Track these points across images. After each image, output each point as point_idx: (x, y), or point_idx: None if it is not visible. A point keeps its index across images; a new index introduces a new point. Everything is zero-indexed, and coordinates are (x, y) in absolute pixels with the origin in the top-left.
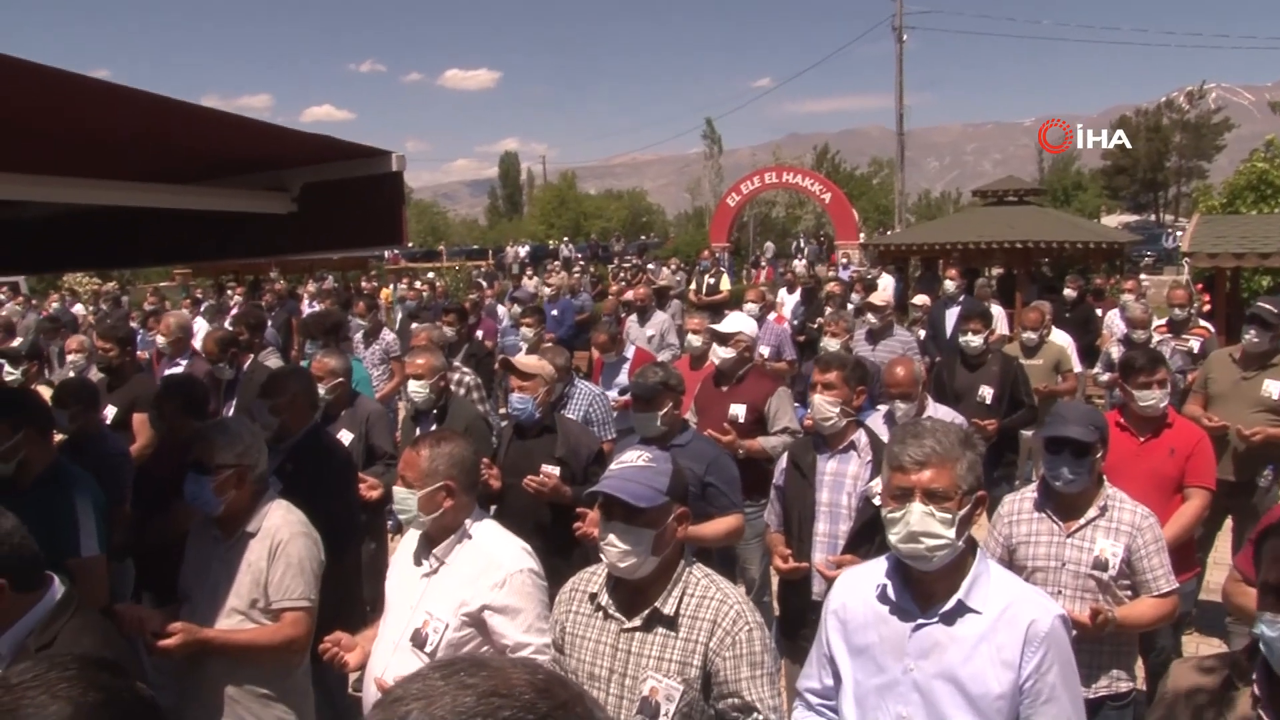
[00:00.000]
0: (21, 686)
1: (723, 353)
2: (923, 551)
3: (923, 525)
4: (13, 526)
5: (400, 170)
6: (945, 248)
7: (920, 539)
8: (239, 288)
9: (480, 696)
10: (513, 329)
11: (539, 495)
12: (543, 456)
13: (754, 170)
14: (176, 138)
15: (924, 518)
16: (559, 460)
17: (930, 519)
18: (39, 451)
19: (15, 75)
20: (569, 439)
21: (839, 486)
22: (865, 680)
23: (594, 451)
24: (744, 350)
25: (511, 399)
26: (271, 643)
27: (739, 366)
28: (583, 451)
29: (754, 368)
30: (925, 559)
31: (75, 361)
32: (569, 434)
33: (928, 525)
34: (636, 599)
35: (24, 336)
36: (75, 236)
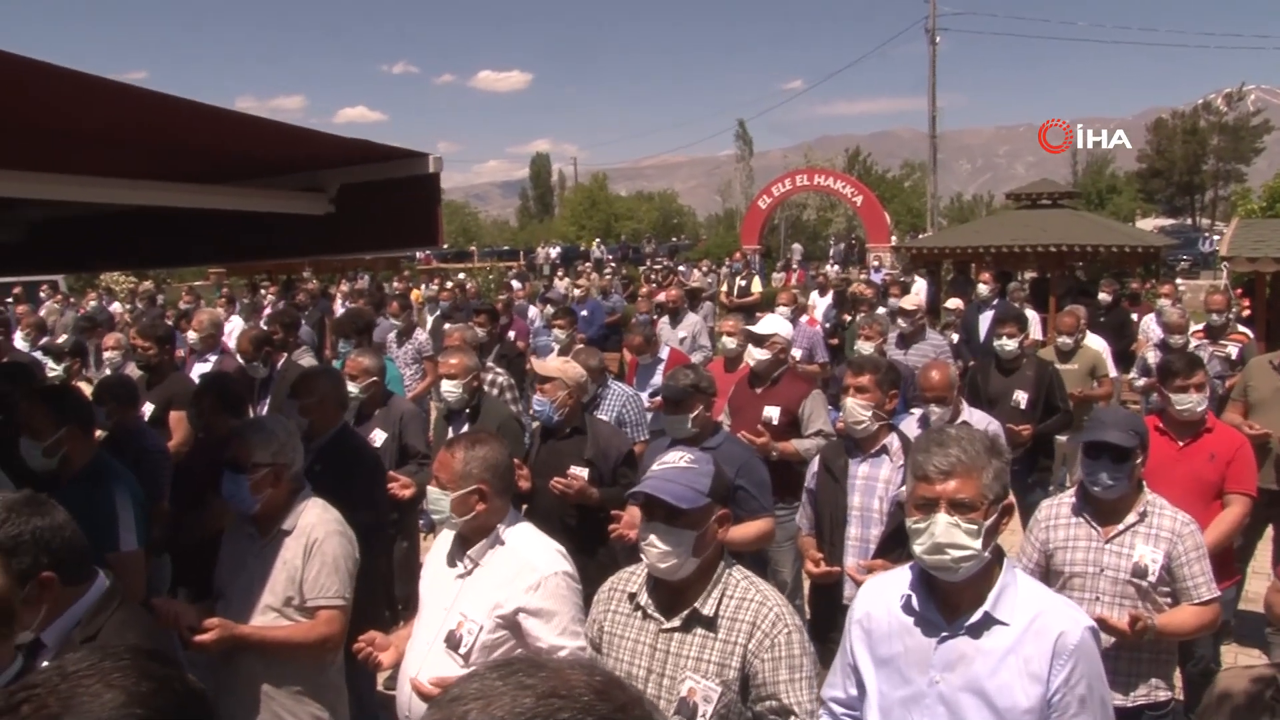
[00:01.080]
0: (77, 675)
1: (758, 354)
2: (948, 563)
3: (948, 536)
4: (63, 520)
5: (437, 171)
6: (978, 251)
7: (946, 550)
8: (272, 287)
9: (539, 698)
10: (545, 330)
11: (565, 497)
12: (572, 458)
13: (785, 173)
14: (217, 142)
15: (949, 529)
16: (587, 461)
17: (956, 530)
18: (80, 447)
19: (62, 82)
20: (598, 440)
21: (871, 490)
22: (890, 692)
23: (623, 453)
24: (779, 352)
25: (534, 401)
26: (306, 640)
27: (774, 368)
28: (612, 453)
29: (788, 370)
30: (951, 570)
31: (112, 359)
32: (598, 435)
33: (953, 536)
34: (676, 599)
35: (63, 334)
36: (115, 237)
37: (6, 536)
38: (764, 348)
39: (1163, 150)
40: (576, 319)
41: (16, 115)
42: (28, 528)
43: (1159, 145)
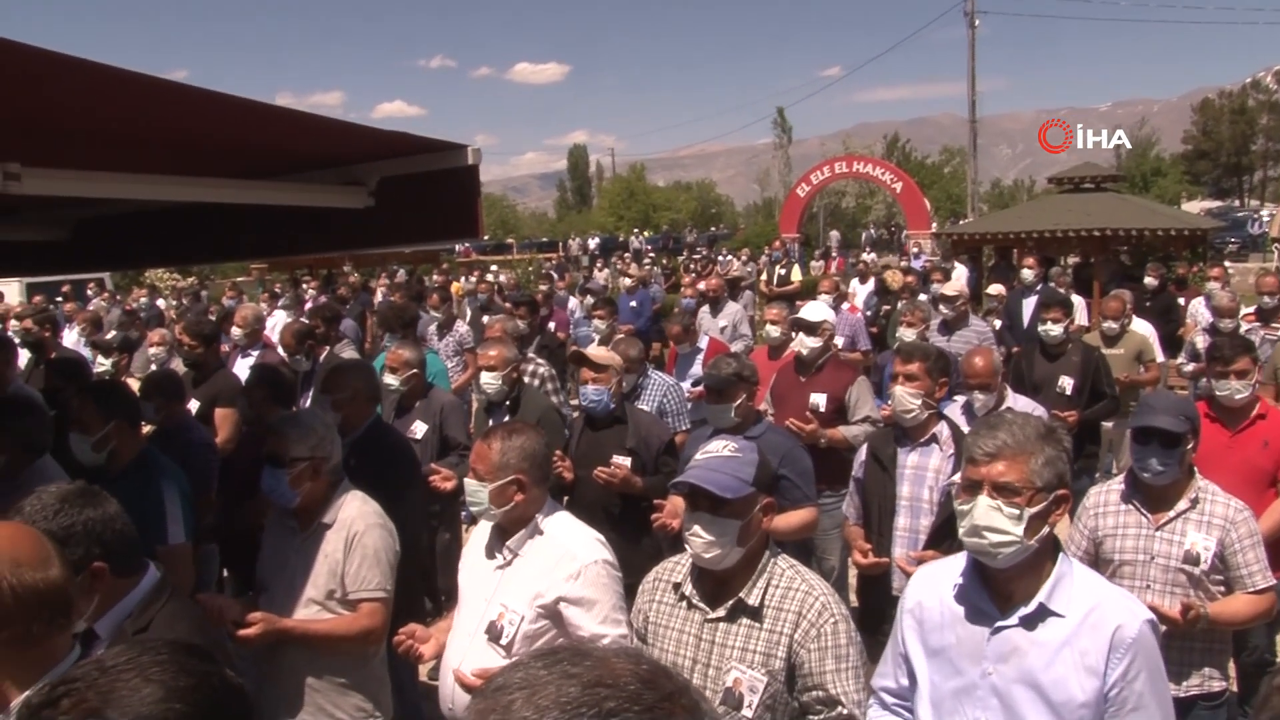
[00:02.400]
0: (116, 669)
1: (810, 342)
2: (986, 547)
3: (986, 519)
4: (115, 511)
5: (476, 164)
6: (1020, 236)
7: (984, 533)
8: (313, 281)
9: (585, 687)
10: (585, 321)
11: (609, 486)
12: (614, 447)
13: (824, 160)
14: (259, 137)
15: (988, 511)
16: (630, 451)
17: (995, 513)
18: (128, 442)
19: (106, 80)
20: (640, 429)
21: (920, 480)
22: (942, 683)
23: (665, 441)
24: (828, 339)
25: (586, 390)
26: (349, 633)
27: (820, 355)
28: (654, 442)
29: (833, 357)
30: (989, 555)
31: (157, 354)
32: (640, 424)
33: (992, 519)
34: (721, 589)
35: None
36: (158, 233)
37: (60, 527)
38: (816, 335)
39: (1209, 131)
40: (617, 310)
41: (61, 114)
42: (80, 518)
43: (1205, 126)
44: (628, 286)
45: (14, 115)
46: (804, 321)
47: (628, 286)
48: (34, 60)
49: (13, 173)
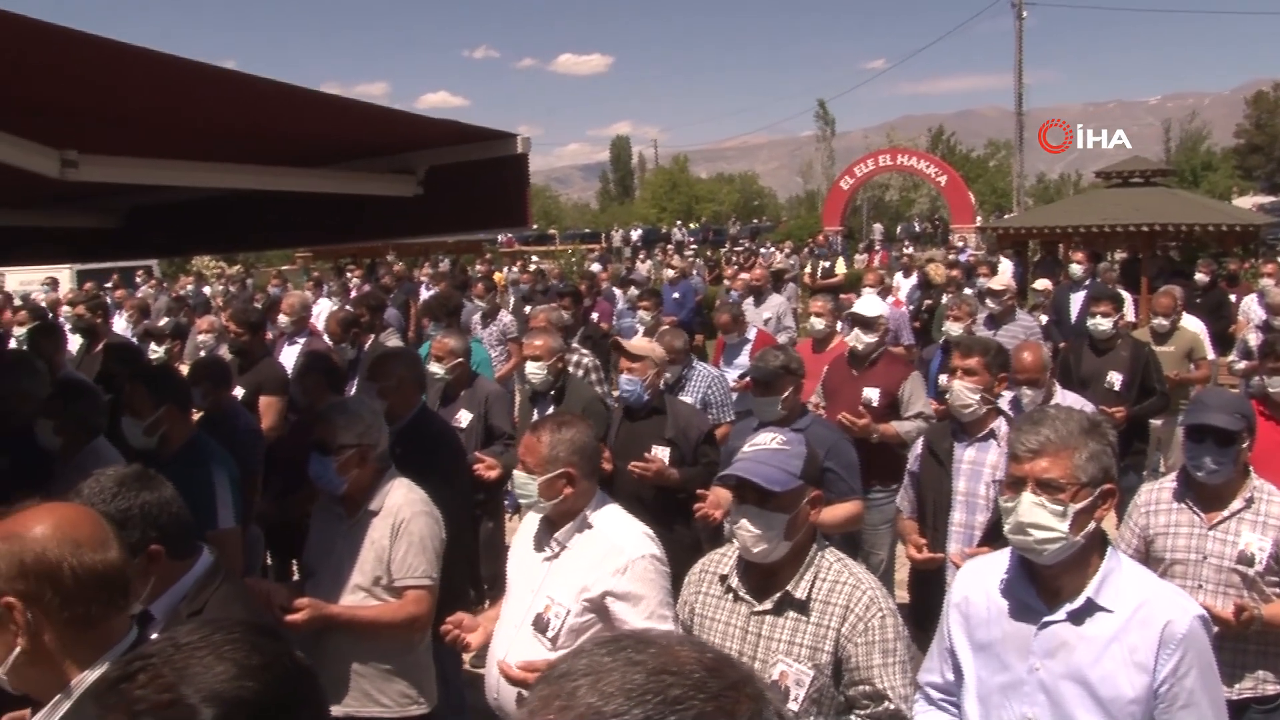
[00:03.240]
0: (190, 646)
1: (865, 337)
2: (1031, 544)
3: (1031, 516)
4: (170, 495)
5: (525, 153)
6: (1066, 231)
7: (1028, 530)
8: (357, 270)
9: (650, 674)
10: (629, 311)
11: (643, 479)
12: (652, 438)
13: (868, 153)
14: (311, 125)
15: (1033, 508)
16: (668, 441)
17: (1040, 510)
18: (179, 427)
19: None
20: (678, 420)
21: (977, 476)
22: (989, 678)
23: (704, 432)
24: (883, 334)
25: (620, 380)
26: (394, 620)
27: (874, 350)
28: (692, 433)
29: (886, 351)
30: (1035, 551)
31: (205, 341)
32: (678, 415)
33: (1036, 516)
34: (767, 582)
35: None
36: (207, 221)
37: (117, 510)
38: (873, 330)
39: (1263, 124)
40: (662, 301)
41: (116, 101)
42: (137, 501)
43: (1259, 119)
44: (670, 278)
45: (72, 103)
46: (859, 316)
47: (670, 278)
48: (90, 48)
49: (70, 160)
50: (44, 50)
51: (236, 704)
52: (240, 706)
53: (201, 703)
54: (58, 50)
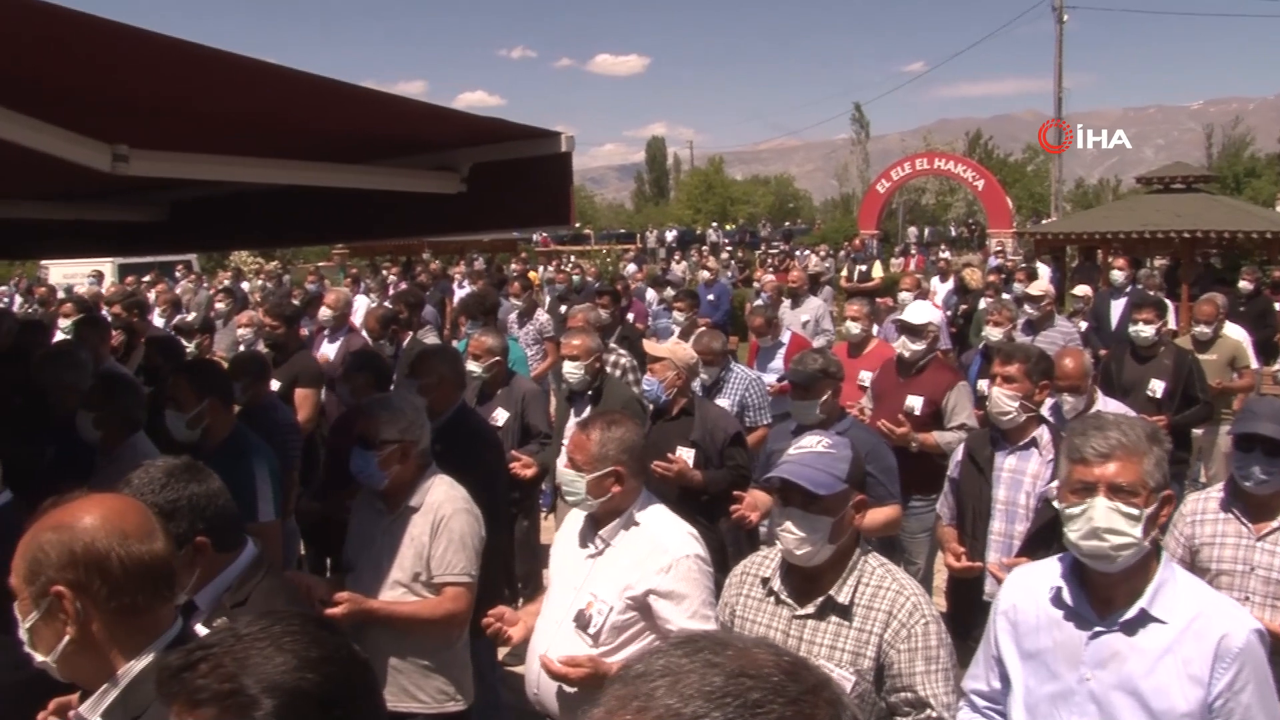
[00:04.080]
0: (250, 637)
1: (913, 345)
2: (1106, 550)
3: (1107, 521)
4: (217, 488)
5: (569, 151)
6: (1105, 237)
7: (1104, 536)
8: (393, 268)
9: (729, 676)
10: (664, 312)
11: (664, 480)
12: (679, 439)
13: (904, 156)
14: (358, 122)
15: (1109, 513)
16: (693, 443)
17: (1115, 515)
18: (221, 420)
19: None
20: (705, 422)
21: (1017, 484)
22: (1037, 687)
23: (730, 434)
24: (932, 341)
25: (643, 381)
26: (433, 616)
27: (922, 358)
28: (719, 435)
29: (934, 359)
30: (1108, 559)
31: (244, 335)
32: (705, 417)
33: (1113, 522)
34: (810, 586)
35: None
36: (249, 216)
37: (165, 501)
38: (921, 337)
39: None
40: (698, 302)
41: (165, 97)
42: (185, 493)
43: None
44: (705, 279)
45: (122, 98)
46: (907, 324)
47: (705, 279)
48: (140, 44)
49: (121, 154)
50: (95, 45)
51: (296, 695)
52: (300, 697)
53: (262, 693)
54: (109, 45)
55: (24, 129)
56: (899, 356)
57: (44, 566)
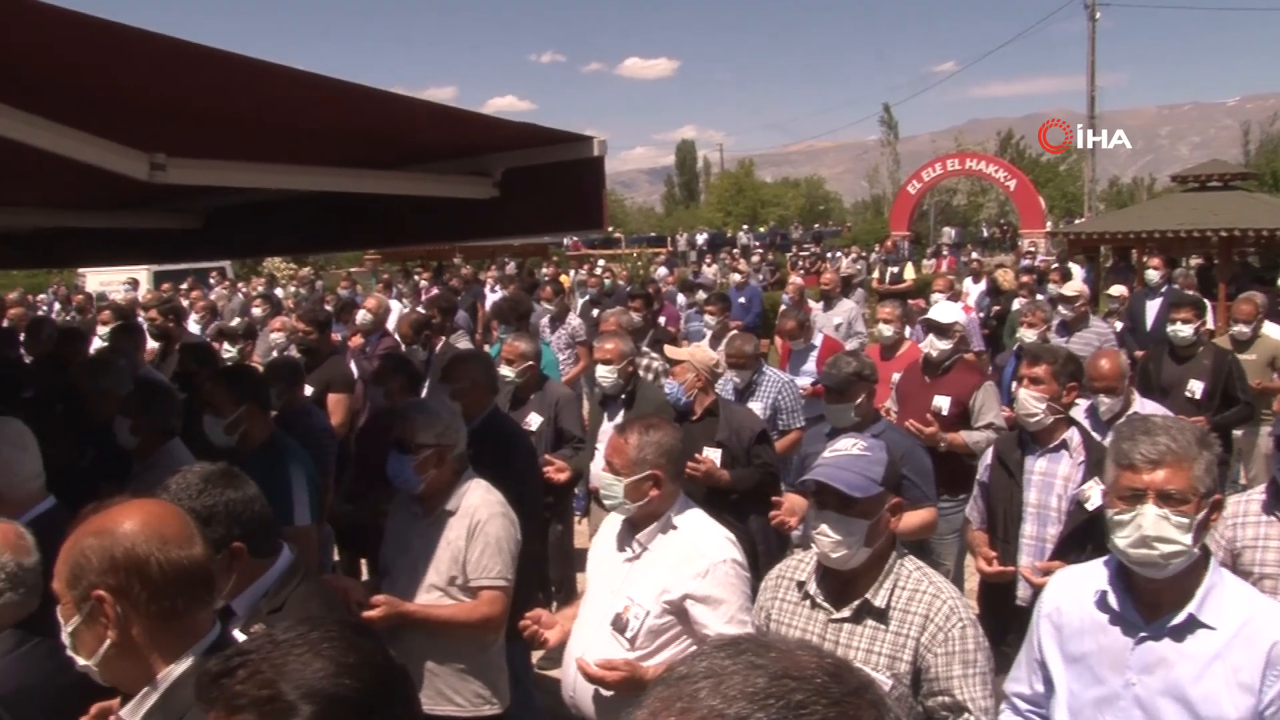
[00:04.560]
0: (288, 643)
1: (940, 344)
2: (1156, 558)
3: (1157, 529)
4: (254, 493)
5: (601, 155)
6: (1140, 236)
7: (1154, 544)
8: (425, 273)
9: (772, 678)
10: (696, 316)
11: (692, 480)
12: (704, 440)
13: (935, 157)
14: (391, 127)
15: (1159, 521)
16: (719, 443)
17: (1165, 523)
18: (258, 425)
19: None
20: (730, 422)
21: (1048, 487)
22: (1081, 691)
23: (756, 432)
24: (959, 341)
25: (665, 384)
26: (469, 620)
27: (949, 357)
28: (744, 434)
29: (960, 359)
30: (1158, 566)
31: (278, 341)
32: (730, 417)
33: (1162, 530)
34: (846, 589)
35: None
36: (283, 222)
37: (202, 506)
38: (947, 337)
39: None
40: (729, 305)
41: (201, 105)
42: (222, 499)
43: None
44: (736, 282)
45: (160, 107)
46: (934, 323)
47: (736, 282)
48: (177, 53)
49: (159, 163)
50: (133, 55)
51: (334, 701)
52: (337, 703)
53: (300, 699)
54: (146, 55)
55: (64, 139)
56: (925, 356)
57: (85, 571)
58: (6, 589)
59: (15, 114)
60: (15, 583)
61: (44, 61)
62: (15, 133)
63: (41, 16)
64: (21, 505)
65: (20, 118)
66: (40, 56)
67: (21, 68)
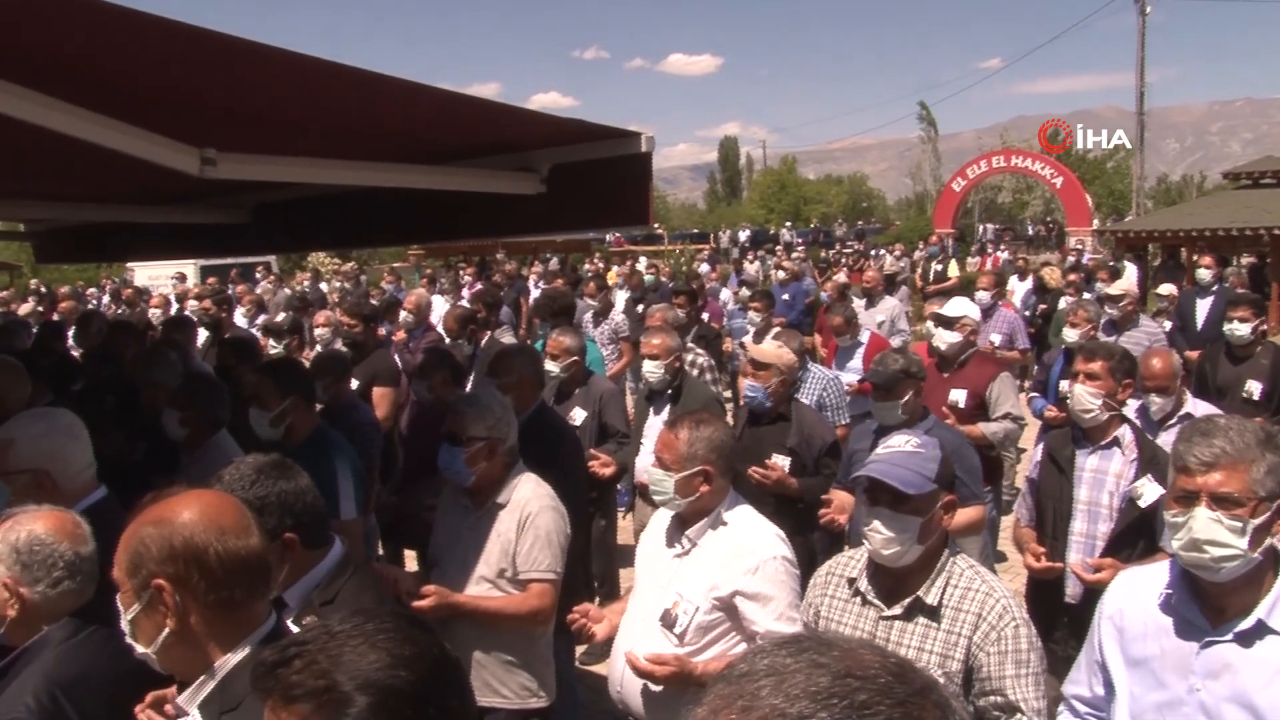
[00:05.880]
0: (344, 634)
1: (948, 337)
2: (1207, 561)
3: (1207, 532)
4: (306, 485)
5: (649, 151)
6: (1190, 234)
7: (1204, 548)
8: (469, 268)
9: (835, 677)
10: (739, 312)
11: (761, 486)
12: (774, 445)
13: (980, 154)
14: (438, 123)
15: (1209, 524)
16: (790, 450)
17: (1217, 526)
18: (303, 418)
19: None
20: (803, 429)
21: (1100, 484)
22: (1143, 695)
23: (828, 443)
24: (969, 335)
25: (745, 386)
26: (518, 612)
27: (962, 351)
28: (816, 442)
29: (977, 353)
30: (1210, 569)
31: (322, 336)
32: (804, 424)
33: (1213, 533)
34: (897, 587)
35: (277, 313)
36: (328, 218)
37: (255, 497)
38: (954, 330)
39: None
40: (774, 302)
41: (251, 100)
42: (274, 490)
43: None
44: (780, 279)
45: (211, 103)
46: (941, 316)
47: (780, 279)
48: (228, 49)
49: (209, 158)
50: (184, 51)
51: (390, 692)
52: (393, 695)
53: (355, 690)
54: (198, 51)
55: (117, 134)
56: (936, 351)
57: (145, 560)
58: (64, 577)
59: (72, 110)
60: (73, 571)
61: (99, 59)
62: (72, 128)
63: (97, 14)
64: (76, 495)
65: (77, 113)
66: (95, 53)
67: (78, 66)
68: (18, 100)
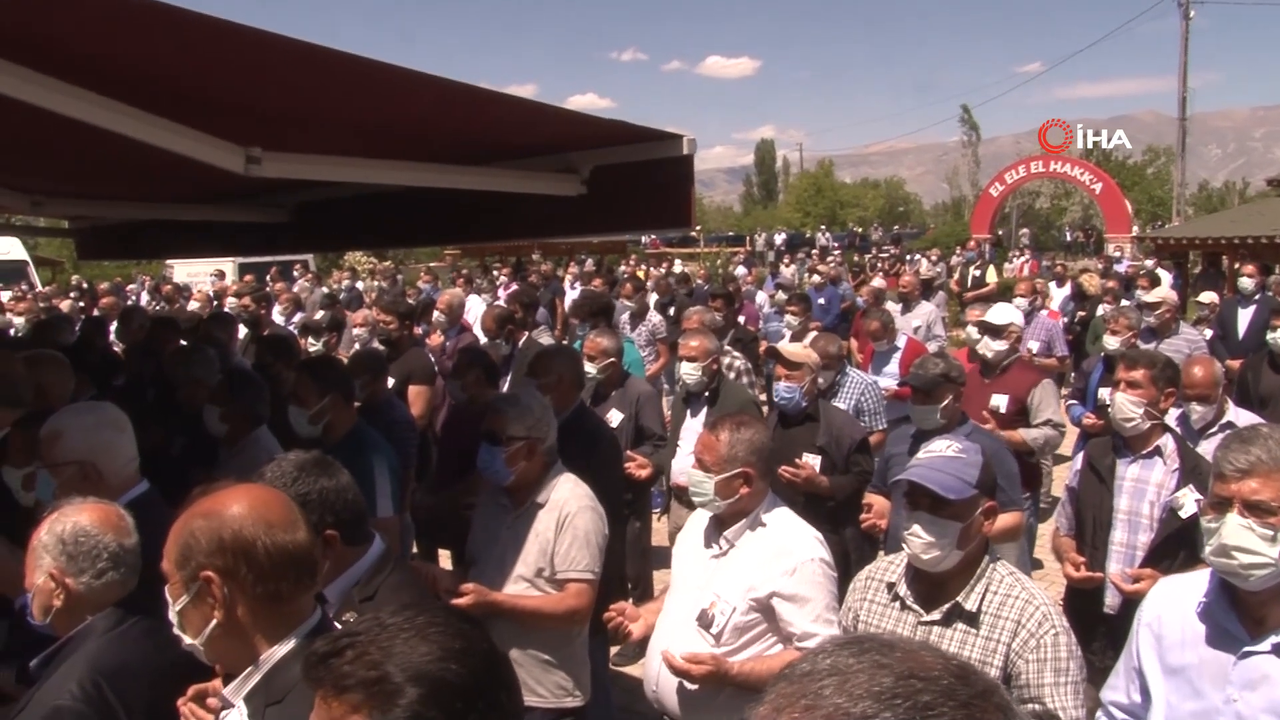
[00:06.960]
0: (395, 626)
1: (995, 345)
2: (1235, 568)
3: (1237, 539)
4: (346, 482)
5: (691, 153)
6: (1232, 242)
7: (1234, 554)
8: (504, 268)
9: (899, 678)
10: (776, 315)
11: (792, 485)
12: (804, 445)
13: (1018, 159)
14: (481, 123)
15: (1239, 531)
16: (820, 449)
17: (1247, 533)
18: (342, 416)
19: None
20: (831, 428)
21: (1140, 494)
22: (1179, 704)
23: (857, 440)
24: (1014, 341)
25: (778, 387)
26: (555, 611)
27: (1005, 358)
28: (845, 440)
29: (1018, 359)
30: (1240, 577)
31: (360, 335)
32: (832, 423)
33: (1242, 539)
34: (937, 592)
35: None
36: (367, 217)
37: (296, 493)
38: (1002, 338)
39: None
40: (810, 305)
41: (293, 100)
42: (316, 486)
43: None
44: (816, 283)
45: (255, 102)
46: (989, 324)
47: (816, 283)
48: (274, 48)
49: (254, 156)
50: (231, 51)
51: (439, 684)
52: (443, 687)
53: (406, 681)
54: (244, 50)
55: (167, 133)
56: (981, 357)
57: (194, 552)
58: (109, 568)
59: (124, 109)
60: (117, 562)
61: (147, 59)
62: (125, 127)
63: (145, 15)
64: (120, 488)
65: (129, 113)
66: (145, 53)
67: (127, 66)
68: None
